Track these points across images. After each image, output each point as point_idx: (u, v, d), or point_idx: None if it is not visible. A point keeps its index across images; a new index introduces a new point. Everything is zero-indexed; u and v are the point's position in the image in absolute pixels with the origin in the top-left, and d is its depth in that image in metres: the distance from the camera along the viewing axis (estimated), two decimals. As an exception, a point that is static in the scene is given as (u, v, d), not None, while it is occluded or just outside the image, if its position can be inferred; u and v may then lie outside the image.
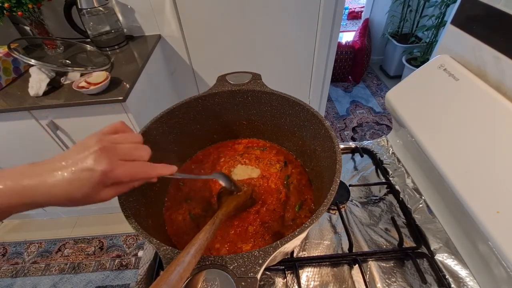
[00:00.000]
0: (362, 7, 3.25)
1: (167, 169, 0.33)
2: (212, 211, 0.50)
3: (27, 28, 1.07)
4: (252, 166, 0.56)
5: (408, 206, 0.57)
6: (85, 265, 1.31)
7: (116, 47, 1.12)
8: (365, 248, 0.51)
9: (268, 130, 0.60)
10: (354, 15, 3.33)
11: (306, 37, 1.27)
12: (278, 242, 0.31)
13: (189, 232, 0.48)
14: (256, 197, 0.51)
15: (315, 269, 0.49)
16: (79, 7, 1.00)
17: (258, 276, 0.29)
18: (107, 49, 1.11)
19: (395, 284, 0.46)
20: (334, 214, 0.57)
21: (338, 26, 1.24)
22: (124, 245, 1.38)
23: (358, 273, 0.48)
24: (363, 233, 0.54)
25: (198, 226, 0.49)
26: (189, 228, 0.49)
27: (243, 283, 0.29)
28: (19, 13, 0.96)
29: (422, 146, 0.53)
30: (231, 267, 0.30)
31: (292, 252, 0.50)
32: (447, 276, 0.46)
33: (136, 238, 1.40)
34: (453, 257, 0.49)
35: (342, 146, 0.70)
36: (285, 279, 0.48)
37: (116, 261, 1.32)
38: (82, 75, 0.92)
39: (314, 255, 0.51)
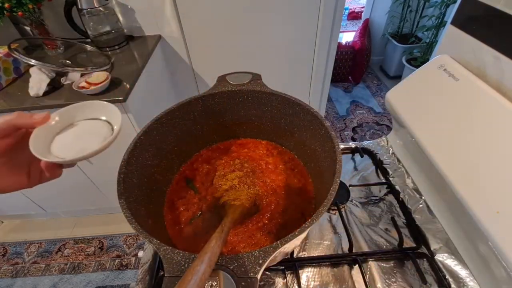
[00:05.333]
0: (362, 8, 3.25)
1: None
2: (210, 213, 0.50)
3: (27, 28, 1.07)
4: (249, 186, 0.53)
5: (408, 206, 0.57)
6: (85, 265, 1.31)
7: (116, 47, 1.12)
8: (365, 248, 0.51)
9: (268, 130, 0.60)
10: (354, 15, 3.33)
11: (306, 37, 1.27)
12: (278, 242, 0.31)
13: (190, 233, 0.48)
14: (260, 204, 0.51)
15: (315, 269, 0.49)
16: (80, 7, 1.01)
17: (258, 276, 0.29)
18: (107, 49, 1.11)
19: (395, 284, 0.46)
20: (334, 214, 0.57)
21: (338, 26, 1.24)
22: (124, 245, 1.38)
23: (358, 273, 0.48)
24: (363, 233, 0.54)
25: (198, 227, 0.49)
26: (190, 228, 0.49)
27: (243, 283, 0.29)
28: (19, 13, 0.96)
29: (422, 146, 0.53)
30: (232, 267, 0.30)
31: (292, 252, 0.50)
32: (447, 276, 0.46)
33: (136, 238, 1.40)
34: (453, 257, 0.49)
35: (342, 146, 0.70)
36: (285, 279, 0.48)
37: (116, 261, 1.32)
38: (82, 75, 0.92)
39: (314, 255, 0.51)
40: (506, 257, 0.37)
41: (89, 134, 0.35)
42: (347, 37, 2.92)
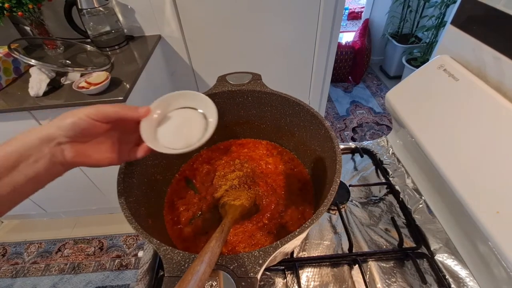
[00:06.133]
0: (362, 8, 3.25)
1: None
2: (210, 213, 0.50)
3: (27, 28, 1.07)
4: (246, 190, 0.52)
5: (408, 206, 0.57)
6: (85, 265, 1.31)
7: (116, 47, 1.12)
8: (365, 248, 0.51)
9: (268, 130, 0.60)
10: (354, 16, 3.33)
11: (306, 37, 1.27)
12: (278, 242, 0.31)
13: (190, 233, 0.48)
14: (260, 204, 0.51)
15: (315, 269, 0.49)
16: (80, 7, 1.00)
17: (258, 276, 0.29)
18: (107, 49, 1.11)
19: (395, 284, 0.46)
20: (334, 214, 0.57)
21: (338, 26, 1.24)
22: (124, 245, 1.38)
23: (358, 273, 0.48)
24: (363, 233, 0.54)
25: (198, 227, 0.49)
26: (190, 229, 0.49)
27: (243, 283, 0.29)
28: (19, 13, 0.96)
29: (422, 146, 0.53)
30: (232, 267, 0.30)
31: (292, 252, 0.50)
32: (447, 276, 0.46)
33: (136, 238, 1.40)
34: (453, 257, 0.49)
35: (342, 146, 0.70)
36: (285, 279, 0.48)
37: (116, 261, 1.32)
38: (82, 75, 0.92)
39: (314, 255, 0.51)
40: (506, 257, 0.37)
41: (189, 126, 0.37)
42: (347, 37, 2.92)
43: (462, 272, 0.47)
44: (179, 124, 0.37)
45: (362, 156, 0.68)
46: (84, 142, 0.31)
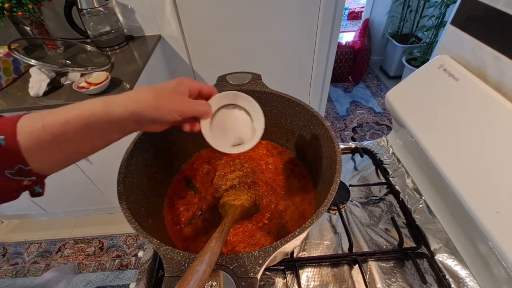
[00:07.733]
0: (362, 8, 3.25)
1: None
2: (210, 213, 0.50)
3: (27, 28, 1.07)
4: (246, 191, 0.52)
5: (408, 206, 0.57)
6: (85, 265, 1.31)
7: (116, 47, 1.12)
8: (365, 248, 0.51)
9: (268, 130, 0.60)
10: (354, 16, 3.33)
11: (306, 37, 1.27)
12: (278, 242, 0.31)
13: (190, 233, 0.48)
14: (260, 204, 0.51)
15: (315, 269, 0.49)
16: (80, 7, 1.00)
17: (258, 276, 0.29)
18: (107, 49, 1.11)
19: (395, 284, 0.46)
20: (334, 214, 0.57)
21: (338, 26, 1.24)
22: (124, 245, 1.38)
23: (358, 273, 0.48)
24: (363, 233, 0.54)
25: (198, 227, 0.49)
26: (190, 228, 0.49)
27: (243, 283, 0.29)
28: (19, 13, 0.96)
29: (422, 146, 0.53)
30: (231, 267, 0.30)
31: (292, 252, 0.50)
32: (447, 276, 0.46)
33: (136, 238, 1.40)
34: (453, 257, 0.49)
35: (342, 146, 0.70)
36: (285, 279, 0.48)
37: (116, 261, 1.32)
38: (82, 75, 0.92)
39: (314, 255, 0.51)
40: (506, 257, 0.37)
41: (239, 128, 0.41)
42: (347, 37, 2.92)
43: (462, 272, 0.47)
44: (231, 125, 0.41)
45: (362, 156, 0.68)
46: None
